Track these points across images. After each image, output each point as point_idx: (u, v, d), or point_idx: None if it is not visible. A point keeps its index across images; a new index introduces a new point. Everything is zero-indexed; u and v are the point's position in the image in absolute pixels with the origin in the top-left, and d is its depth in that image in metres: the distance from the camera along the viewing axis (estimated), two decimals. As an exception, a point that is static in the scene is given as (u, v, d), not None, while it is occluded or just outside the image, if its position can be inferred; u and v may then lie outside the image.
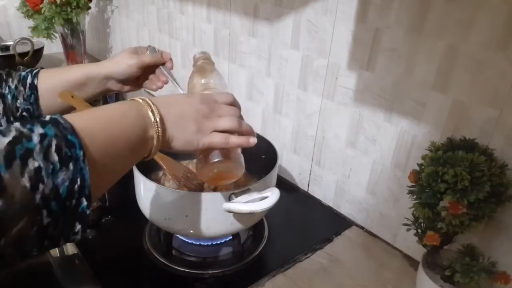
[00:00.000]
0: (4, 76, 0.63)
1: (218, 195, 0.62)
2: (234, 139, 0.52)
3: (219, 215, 0.62)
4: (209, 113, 0.50)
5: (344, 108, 0.78)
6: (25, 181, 0.29)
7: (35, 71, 0.64)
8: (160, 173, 0.80)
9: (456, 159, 0.52)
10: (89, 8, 1.50)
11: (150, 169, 0.76)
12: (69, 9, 1.40)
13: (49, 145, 0.31)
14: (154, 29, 1.36)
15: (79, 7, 1.42)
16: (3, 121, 0.62)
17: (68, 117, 0.35)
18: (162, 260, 0.70)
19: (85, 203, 0.34)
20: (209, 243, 0.73)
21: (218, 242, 0.73)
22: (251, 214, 0.59)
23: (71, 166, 0.32)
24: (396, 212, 0.74)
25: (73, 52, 1.57)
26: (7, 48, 1.47)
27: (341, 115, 0.79)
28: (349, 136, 0.79)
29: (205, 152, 0.54)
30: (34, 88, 0.62)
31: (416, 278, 0.63)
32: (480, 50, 0.56)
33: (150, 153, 0.46)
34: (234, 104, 0.56)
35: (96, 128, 0.38)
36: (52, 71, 0.66)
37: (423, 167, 0.55)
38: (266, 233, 0.77)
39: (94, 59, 1.81)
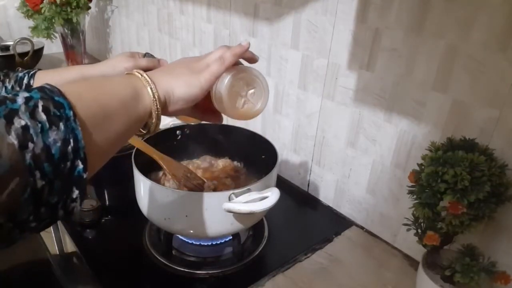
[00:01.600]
0: (1, 77, 0.64)
1: (218, 195, 0.62)
2: (228, 54, 0.49)
3: (219, 215, 0.62)
4: (196, 59, 0.49)
5: (344, 108, 0.78)
6: (12, 139, 0.28)
7: (32, 72, 0.64)
8: (160, 173, 0.80)
9: (456, 159, 0.52)
10: (89, 8, 1.50)
11: (150, 169, 0.76)
12: (69, 9, 1.40)
13: (35, 106, 0.30)
14: (154, 29, 1.36)
15: (79, 7, 1.42)
16: None
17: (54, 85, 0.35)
18: (162, 260, 0.70)
19: (81, 166, 0.32)
20: (209, 243, 0.73)
21: (218, 242, 0.73)
22: (251, 214, 0.59)
23: (61, 126, 0.31)
24: (396, 212, 0.74)
25: (73, 52, 1.57)
26: (7, 48, 1.47)
27: (341, 115, 0.79)
28: (349, 136, 0.79)
29: (216, 95, 0.50)
30: (29, 88, 0.63)
31: (416, 278, 0.63)
32: (480, 50, 0.56)
33: (151, 114, 0.43)
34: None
35: (82, 89, 0.37)
36: (48, 72, 0.66)
37: (423, 167, 0.55)
38: (266, 233, 0.77)
39: (94, 59, 1.81)
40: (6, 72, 0.65)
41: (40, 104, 0.30)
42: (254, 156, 0.81)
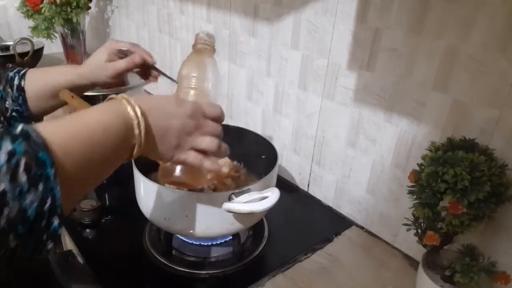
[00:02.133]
0: None
1: (218, 195, 0.62)
2: (208, 164, 0.50)
3: (219, 215, 0.62)
4: (193, 129, 0.48)
5: (344, 108, 0.78)
6: None
7: (22, 72, 0.64)
8: (160, 173, 0.79)
9: (456, 159, 0.52)
10: (89, 8, 1.50)
11: (150, 169, 0.76)
12: (69, 9, 1.40)
13: (17, 165, 0.29)
14: (154, 29, 1.36)
15: (79, 7, 1.42)
16: None
17: (43, 127, 0.33)
18: (162, 260, 0.70)
19: (56, 222, 0.32)
20: (209, 243, 0.73)
21: (218, 242, 0.73)
22: (251, 214, 0.59)
23: (40, 186, 0.30)
24: (396, 212, 0.74)
25: (73, 52, 1.57)
26: (7, 48, 1.47)
27: (341, 115, 0.79)
28: (349, 136, 0.79)
29: (172, 162, 0.52)
30: (21, 90, 0.62)
31: (416, 278, 0.63)
32: (480, 50, 0.56)
33: (129, 158, 0.44)
34: (220, 119, 0.53)
35: (72, 142, 0.35)
36: (38, 73, 0.65)
37: (423, 167, 0.55)
38: (266, 233, 0.77)
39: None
40: None
41: (23, 161, 0.29)
42: (254, 156, 0.81)
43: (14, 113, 0.63)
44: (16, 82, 0.63)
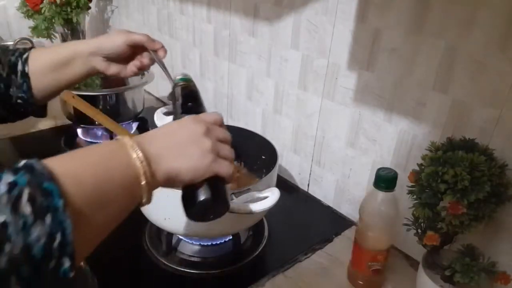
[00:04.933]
0: None
1: (218, 195, 0.62)
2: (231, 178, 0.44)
3: (219, 215, 0.62)
4: (206, 132, 0.42)
5: (344, 108, 0.78)
6: None
7: (25, 56, 0.60)
8: (160, 173, 0.79)
9: (456, 159, 0.52)
10: (89, 8, 1.50)
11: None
12: (69, 9, 1.40)
13: (20, 196, 0.26)
14: (154, 29, 1.36)
15: (79, 7, 1.42)
16: None
17: (48, 160, 0.30)
18: (162, 260, 0.70)
19: (67, 264, 0.27)
20: (209, 243, 0.73)
21: (218, 242, 0.73)
22: (251, 214, 0.59)
23: (48, 218, 0.26)
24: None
25: (73, 52, 1.57)
26: (7, 48, 1.47)
27: (341, 115, 0.79)
28: (349, 136, 0.79)
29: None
30: (25, 76, 0.59)
31: (416, 278, 0.63)
32: (480, 50, 0.56)
33: (145, 198, 0.40)
34: (222, 123, 0.48)
35: (81, 171, 0.32)
36: (41, 52, 0.62)
37: (423, 167, 0.55)
38: (266, 233, 0.77)
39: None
40: None
41: (26, 192, 0.26)
42: (254, 156, 0.81)
43: (19, 100, 0.60)
44: (19, 68, 0.59)
